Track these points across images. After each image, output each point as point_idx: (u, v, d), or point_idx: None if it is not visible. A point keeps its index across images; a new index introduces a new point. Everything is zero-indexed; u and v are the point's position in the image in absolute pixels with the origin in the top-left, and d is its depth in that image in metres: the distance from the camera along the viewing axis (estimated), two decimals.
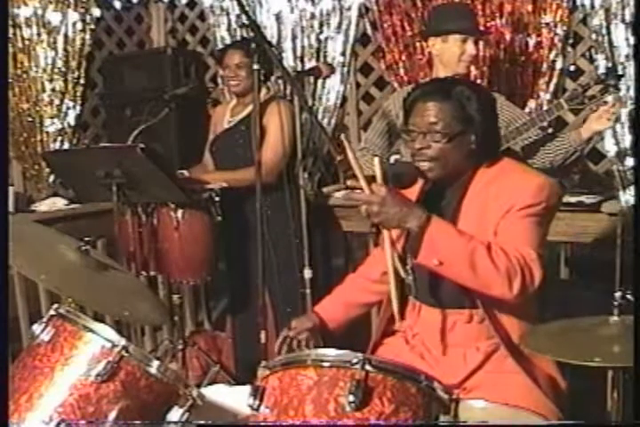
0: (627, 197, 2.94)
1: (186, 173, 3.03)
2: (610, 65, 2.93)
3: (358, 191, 1.66)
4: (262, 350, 2.37)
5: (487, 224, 1.73)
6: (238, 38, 3.80)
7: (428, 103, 1.77)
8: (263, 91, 2.99)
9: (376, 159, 1.70)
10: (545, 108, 2.97)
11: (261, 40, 2.26)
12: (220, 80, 3.99)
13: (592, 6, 2.96)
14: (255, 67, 2.28)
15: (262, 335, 2.39)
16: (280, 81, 3.57)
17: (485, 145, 1.80)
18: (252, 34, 2.32)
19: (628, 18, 2.86)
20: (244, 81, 3.03)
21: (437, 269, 1.62)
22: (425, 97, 1.79)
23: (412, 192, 1.90)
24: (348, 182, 1.73)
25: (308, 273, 2.54)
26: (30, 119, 4.12)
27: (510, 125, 2.61)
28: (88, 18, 4.14)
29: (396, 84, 3.48)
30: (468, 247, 1.59)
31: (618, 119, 2.44)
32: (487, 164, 1.83)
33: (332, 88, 3.64)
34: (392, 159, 2.73)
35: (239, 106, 3.15)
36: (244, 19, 3.79)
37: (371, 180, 1.74)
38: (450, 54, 2.68)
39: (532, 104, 3.14)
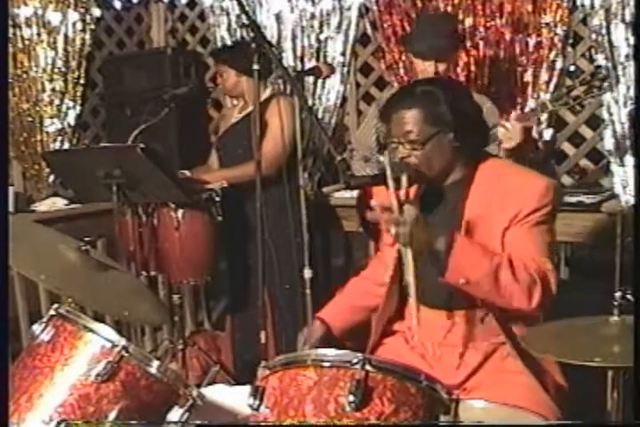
0: (627, 197, 2.94)
1: (187, 173, 3.03)
2: (597, 65, 2.95)
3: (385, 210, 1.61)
4: (262, 350, 2.37)
5: (492, 227, 1.74)
6: (238, 38, 3.81)
7: (399, 113, 1.78)
8: (268, 90, 3.03)
9: (404, 177, 1.68)
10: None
11: (261, 40, 2.26)
12: None
13: (592, 6, 2.96)
14: (255, 67, 2.28)
15: (262, 335, 2.39)
16: (280, 80, 3.57)
17: (469, 139, 1.79)
18: (252, 34, 2.32)
19: (628, 18, 2.86)
20: (224, 85, 3.14)
21: (462, 286, 1.64)
22: (396, 106, 1.79)
23: (410, 192, 1.90)
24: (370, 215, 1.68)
25: (307, 273, 2.53)
26: (30, 119, 4.13)
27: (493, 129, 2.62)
28: (88, 18, 4.15)
29: (395, 84, 3.48)
30: (492, 265, 1.62)
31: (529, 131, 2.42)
32: (484, 162, 1.83)
33: (332, 88, 3.65)
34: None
35: (246, 104, 3.18)
36: (244, 19, 3.79)
37: (380, 182, 1.75)
38: (419, 68, 2.77)
39: (532, 104, 3.14)
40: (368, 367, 1.35)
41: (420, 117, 1.75)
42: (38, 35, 4.03)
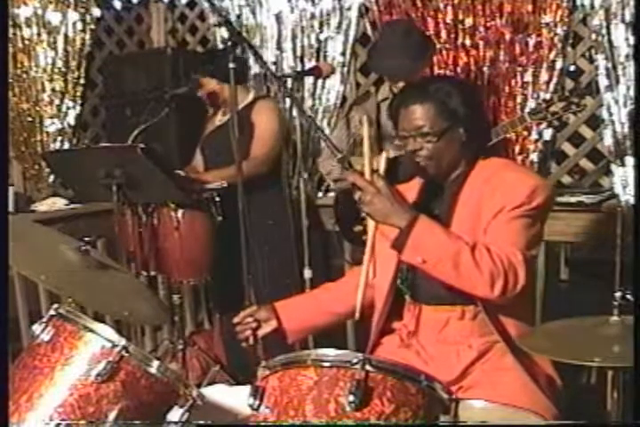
0: (627, 197, 2.94)
1: (182, 173, 3.02)
2: (575, 84, 3.05)
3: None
4: (253, 351, 2.35)
5: (480, 221, 1.76)
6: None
7: (410, 107, 1.80)
8: (251, 94, 3.06)
9: (383, 154, 1.81)
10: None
11: (239, 39, 2.27)
12: None
13: (592, 6, 2.96)
14: (231, 65, 2.28)
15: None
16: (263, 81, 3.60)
17: (476, 135, 1.83)
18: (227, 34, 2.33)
19: (627, 18, 2.86)
20: (206, 98, 3.14)
21: (421, 266, 1.69)
22: (406, 101, 1.82)
23: (413, 187, 1.94)
24: (346, 173, 1.82)
25: (307, 273, 2.53)
26: (30, 119, 4.13)
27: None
28: (88, 18, 4.14)
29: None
30: (452, 248, 1.64)
31: None
32: (484, 159, 1.85)
33: (332, 88, 3.64)
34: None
35: (229, 107, 3.17)
36: (244, 19, 3.80)
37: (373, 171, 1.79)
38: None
39: (532, 104, 3.14)
40: (368, 367, 1.35)
41: (434, 111, 1.78)
42: (38, 35, 4.02)
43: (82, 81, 4.20)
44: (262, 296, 2.96)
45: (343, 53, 3.62)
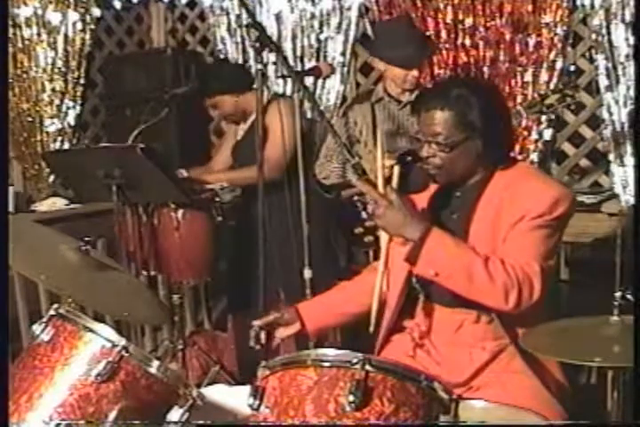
0: (627, 197, 2.94)
1: (184, 172, 3.02)
2: (568, 74, 3.03)
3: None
4: (263, 351, 2.36)
5: (499, 228, 1.73)
6: (238, 38, 3.81)
7: (430, 112, 1.77)
8: (265, 94, 3.03)
9: (396, 167, 1.81)
10: None
11: (266, 39, 2.26)
12: None
13: (592, 6, 2.97)
14: (258, 67, 2.27)
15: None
16: (281, 80, 3.58)
17: (495, 145, 1.78)
18: (255, 34, 2.31)
19: (627, 18, 2.87)
20: (224, 112, 3.09)
21: (434, 279, 1.68)
22: (427, 106, 1.79)
23: (425, 195, 1.91)
24: (358, 183, 1.82)
25: (307, 273, 2.53)
26: (30, 119, 4.13)
27: None
28: (88, 18, 4.15)
29: None
30: (465, 260, 1.64)
31: None
32: (504, 167, 1.81)
33: (332, 88, 3.65)
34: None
35: (246, 115, 3.16)
36: (244, 19, 3.80)
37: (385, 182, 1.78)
38: (395, 74, 2.74)
39: None
40: (368, 367, 1.35)
41: (451, 121, 1.74)
42: (38, 35, 4.03)
43: (82, 81, 4.21)
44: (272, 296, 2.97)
45: (343, 53, 3.62)
